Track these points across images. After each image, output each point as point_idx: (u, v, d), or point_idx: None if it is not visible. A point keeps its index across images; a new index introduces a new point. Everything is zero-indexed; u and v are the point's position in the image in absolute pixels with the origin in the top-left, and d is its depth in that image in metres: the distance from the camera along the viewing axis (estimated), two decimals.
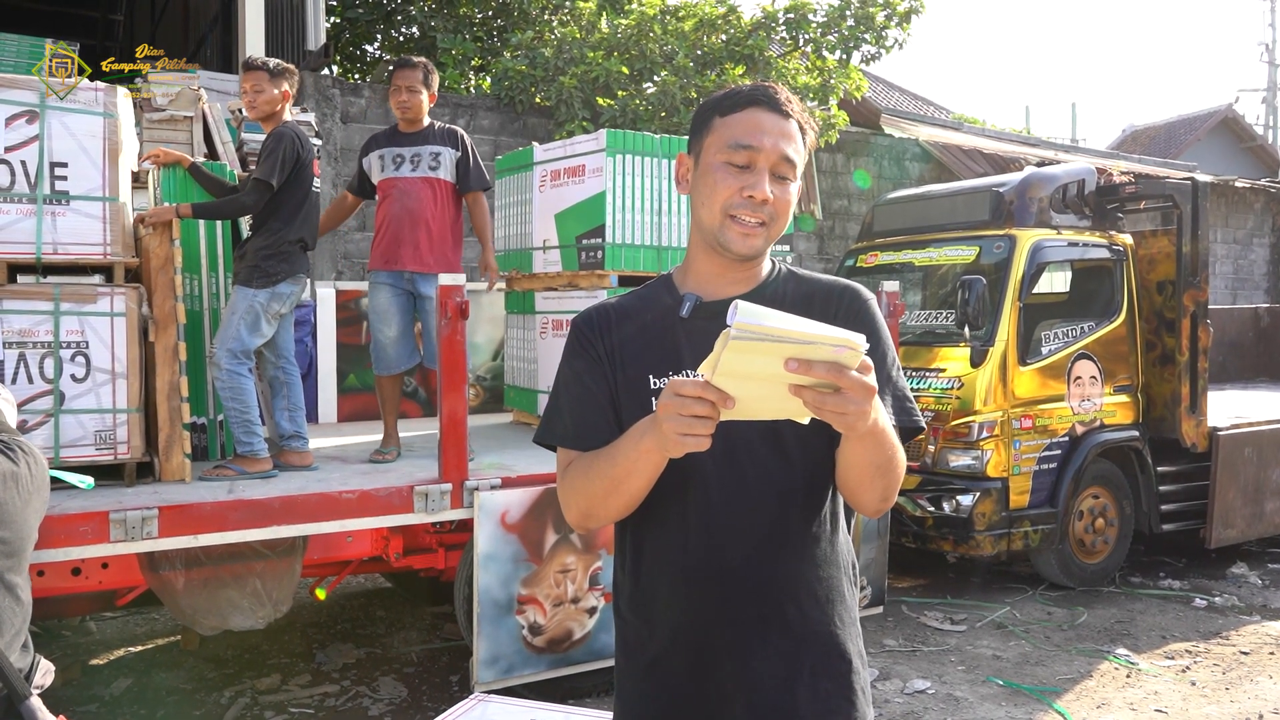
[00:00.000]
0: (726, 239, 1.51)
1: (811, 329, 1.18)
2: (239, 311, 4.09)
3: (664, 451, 1.32)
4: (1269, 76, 28.97)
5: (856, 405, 1.21)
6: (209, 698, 4.36)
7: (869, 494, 1.47)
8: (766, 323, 1.16)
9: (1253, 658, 5.02)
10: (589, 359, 1.58)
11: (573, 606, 4.14)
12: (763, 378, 1.20)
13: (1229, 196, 14.92)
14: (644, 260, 4.90)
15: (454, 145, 4.64)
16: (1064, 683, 4.66)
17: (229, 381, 4.06)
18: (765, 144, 1.48)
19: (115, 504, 3.43)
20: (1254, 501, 6.56)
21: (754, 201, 1.48)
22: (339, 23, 10.92)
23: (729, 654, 1.51)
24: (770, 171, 1.49)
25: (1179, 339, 6.30)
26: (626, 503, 1.48)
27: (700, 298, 1.55)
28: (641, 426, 1.37)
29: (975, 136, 13.23)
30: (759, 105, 1.51)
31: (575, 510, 1.54)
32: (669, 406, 1.24)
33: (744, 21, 9.48)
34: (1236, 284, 14.96)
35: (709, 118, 1.55)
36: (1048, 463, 5.96)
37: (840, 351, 1.19)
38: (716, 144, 1.51)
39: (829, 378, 1.19)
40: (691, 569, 1.52)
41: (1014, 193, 6.27)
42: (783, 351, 1.17)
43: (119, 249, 3.92)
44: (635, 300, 1.64)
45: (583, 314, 1.64)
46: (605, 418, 1.54)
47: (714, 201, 1.50)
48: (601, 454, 1.47)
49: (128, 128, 4.27)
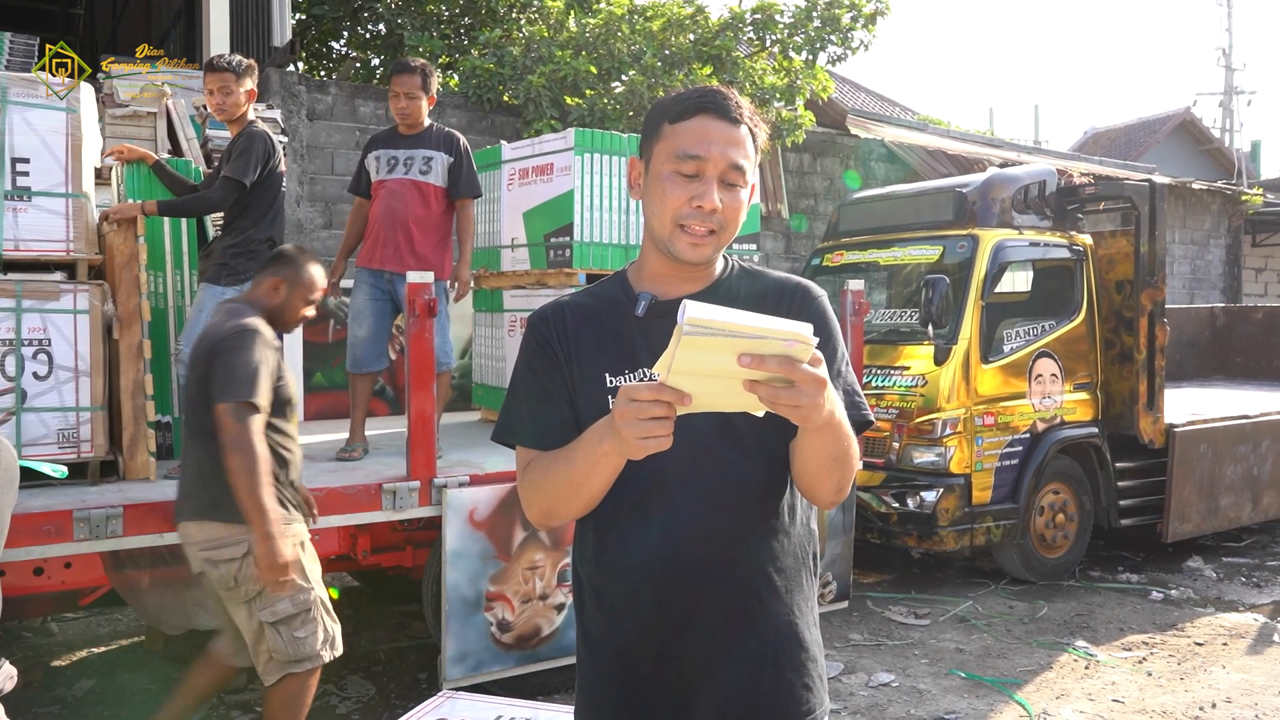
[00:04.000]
0: (676, 249, 1.53)
1: (762, 323, 1.20)
2: (206, 309, 4.06)
3: (624, 455, 1.34)
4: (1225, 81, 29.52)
5: (809, 398, 1.24)
6: None
7: (824, 486, 1.50)
8: (717, 318, 1.18)
9: (1207, 649, 5.14)
10: (545, 356, 1.59)
11: (541, 603, 4.15)
12: (717, 374, 1.22)
13: (1186, 198, 15.19)
14: (612, 259, 4.92)
15: (448, 150, 4.60)
16: (1025, 674, 4.75)
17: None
18: (713, 153, 1.50)
19: (79, 502, 3.40)
20: (1209, 497, 6.70)
21: (702, 211, 1.50)
22: (305, 19, 10.84)
23: (692, 645, 1.54)
24: (719, 180, 1.51)
25: (1137, 338, 6.42)
26: (586, 502, 1.50)
27: (655, 296, 1.57)
28: (600, 429, 1.38)
29: (940, 137, 13.37)
30: (707, 113, 1.52)
31: (536, 509, 1.56)
32: (626, 413, 1.26)
33: (711, 22, 9.52)
34: (1194, 284, 15.23)
35: (658, 124, 1.56)
36: (1009, 459, 6.05)
37: (791, 345, 1.21)
38: (665, 152, 1.53)
39: (781, 371, 1.21)
40: (653, 562, 1.54)
41: (977, 193, 6.36)
42: (735, 347, 1.19)
43: (82, 245, 3.88)
44: (590, 298, 1.65)
45: (538, 311, 1.65)
46: (563, 416, 1.56)
47: (664, 211, 1.52)
48: (560, 455, 1.48)
49: (91, 123, 4.23)
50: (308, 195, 8.26)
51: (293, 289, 3.33)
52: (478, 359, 5.79)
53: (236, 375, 2.97)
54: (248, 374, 2.97)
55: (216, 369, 2.99)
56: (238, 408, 2.94)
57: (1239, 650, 5.12)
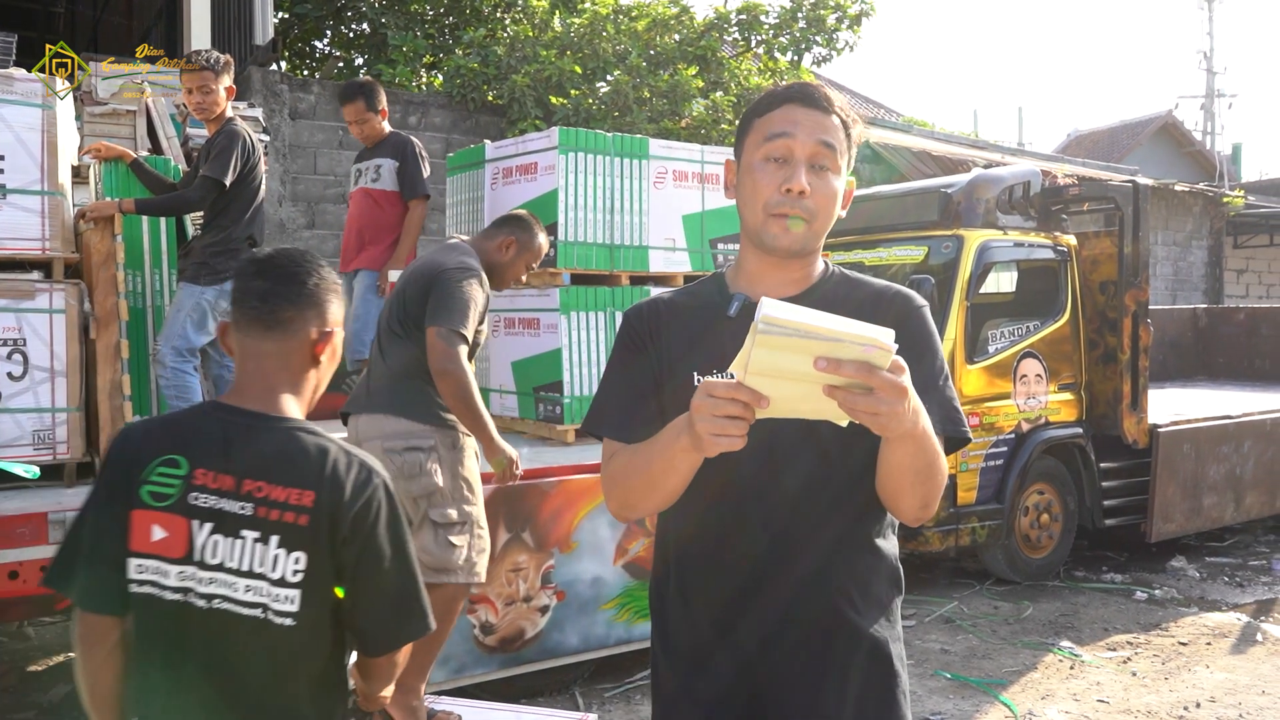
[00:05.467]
0: (768, 237, 1.51)
1: (839, 326, 1.16)
2: (185, 309, 4.02)
3: (698, 451, 1.32)
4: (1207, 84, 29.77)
5: (889, 405, 1.19)
6: None
7: (907, 500, 1.46)
8: (794, 318, 1.15)
9: (1190, 648, 5.15)
10: (636, 351, 1.60)
11: (525, 605, 4.12)
12: (795, 377, 1.18)
13: (1169, 200, 15.29)
14: (596, 258, 4.90)
15: (395, 156, 4.92)
16: (1010, 675, 4.74)
17: (174, 380, 3.98)
18: (800, 132, 1.48)
19: (55, 505, 3.35)
20: (1192, 496, 6.73)
21: (791, 195, 1.47)
22: (287, 18, 10.76)
23: (767, 654, 1.52)
24: (808, 162, 1.48)
25: (1121, 338, 6.44)
26: (664, 498, 1.48)
27: (748, 298, 1.54)
28: (678, 425, 1.36)
29: (925, 139, 13.40)
30: (794, 102, 1.51)
31: (615, 500, 1.56)
32: (702, 407, 1.24)
33: (697, 22, 9.52)
34: (1176, 285, 15.33)
35: (749, 122, 1.55)
36: (994, 460, 6.06)
37: (869, 350, 1.17)
38: (754, 141, 1.52)
39: (859, 377, 1.17)
40: (730, 568, 1.53)
41: (961, 194, 6.37)
42: (811, 349, 1.15)
43: (58, 244, 3.83)
44: (685, 296, 1.65)
45: (634, 307, 1.66)
46: (649, 411, 1.55)
47: (755, 200, 1.51)
48: (641, 449, 1.48)
49: (67, 121, 4.18)
50: (290, 195, 8.20)
51: (521, 252, 3.59)
52: None
53: (455, 306, 3.18)
54: (463, 307, 3.18)
55: (438, 295, 3.20)
56: (450, 333, 3.14)
57: (1222, 649, 5.13)
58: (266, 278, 1.64)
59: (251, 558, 1.52)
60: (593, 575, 4.26)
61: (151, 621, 1.56)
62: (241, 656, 1.54)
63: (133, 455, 1.58)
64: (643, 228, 5.03)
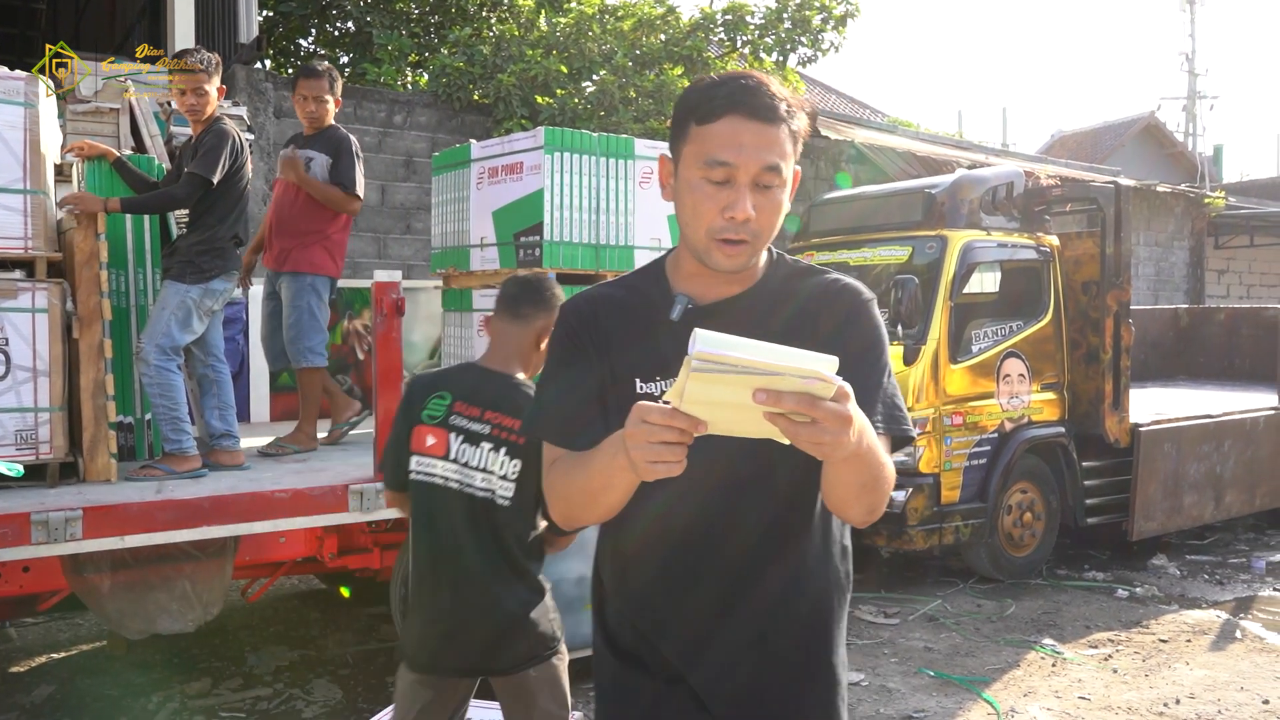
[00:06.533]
0: (712, 260, 1.44)
1: (778, 359, 1.11)
2: (170, 307, 4.01)
3: (635, 475, 1.27)
4: (1189, 85, 30.00)
5: (832, 436, 1.15)
6: (136, 703, 4.25)
7: (853, 509, 1.42)
8: (729, 354, 1.10)
9: (1171, 645, 5.20)
10: (575, 350, 1.52)
11: None
12: (734, 405, 1.14)
13: (1151, 201, 15.40)
14: (582, 258, 4.90)
15: (330, 150, 4.73)
16: (993, 672, 4.78)
17: (158, 378, 3.96)
18: (744, 159, 1.38)
19: (37, 505, 3.33)
20: (1173, 495, 6.78)
21: (735, 223, 1.40)
22: (272, 16, 10.72)
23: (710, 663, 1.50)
24: (752, 184, 1.40)
25: (1103, 338, 6.48)
26: (605, 512, 1.44)
27: (692, 300, 1.48)
28: (615, 442, 1.29)
29: (909, 139, 13.45)
30: (737, 111, 1.39)
31: (558, 511, 1.51)
32: (636, 435, 1.19)
33: (683, 22, 9.54)
34: (1158, 285, 15.45)
35: (685, 123, 1.44)
36: (978, 459, 6.10)
37: (810, 383, 1.12)
38: (694, 157, 1.42)
39: (800, 409, 1.12)
40: (672, 576, 1.50)
41: (945, 194, 6.40)
42: (749, 383, 1.11)
43: (41, 243, 3.81)
44: (624, 291, 1.57)
45: (569, 302, 1.57)
46: (591, 414, 1.49)
47: (697, 221, 1.43)
48: (580, 461, 1.41)
49: (50, 119, 4.15)
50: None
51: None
52: (447, 359, 5.74)
53: None
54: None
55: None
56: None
57: (1202, 647, 5.18)
58: (521, 287, 2.63)
59: (486, 460, 2.44)
60: (577, 575, 4.26)
61: (422, 497, 2.49)
62: (476, 520, 2.44)
63: (418, 392, 2.53)
64: (628, 228, 5.04)
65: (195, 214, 4.13)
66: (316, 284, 4.69)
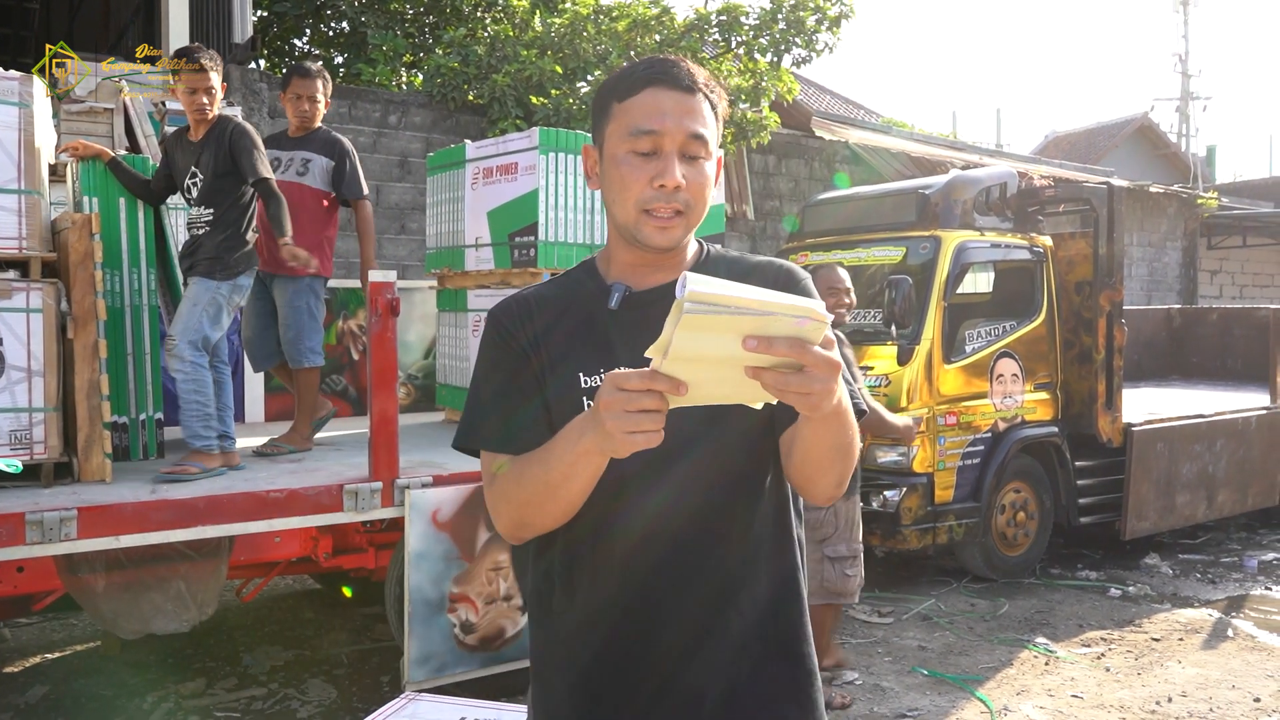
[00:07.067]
0: (643, 235, 1.39)
1: (771, 298, 1.06)
2: (201, 303, 4.04)
3: (607, 452, 1.20)
4: (1182, 86, 30.08)
5: (822, 384, 1.09)
6: (131, 704, 4.25)
7: (825, 479, 1.36)
8: (723, 293, 1.04)
9: (1163, 644, 5.22)
10: (511, 352, 1.46)
11: (505, 604, 4.13)
12: (717, 359, 1.07)
13: (1144, 201, 15.45)
14: (577, 258, 4.91)
15: (329, 154, 4.73)
16: (986, 671, 4.79)
17: (192, 374, 4.00)
18: (669, 125, 1.36)
19: (32, 505, 3.33)
20: (1166, 494, 6.81)
21: (665, 191, 1.36)
22: (266, 16, 10.72)
23: (668, 659, 1.41)
24: (679, 153, 1.37)
25: (1096, 338, 6.51)
26: (564, 509, 1.35)
27: (629, 288, 1.44)
28: (579, 425, 1.23)
29: (903, 140, 13.49)
30: (657, 84, 1.38)
31: (507, 520, 1.41)
32: (613, 403, 1.12)
33: (677, 22, 9.55)
34: (1151, 285, 15.50)
35: (607, 104, 1.42)
36: (971, 458, 6.11)
37: (803, 324, 1.07)
38: (618, 133, 1.40)
39: (792, 354, 1.07)
40: (627, 569, 1.41)
41: (939, 195, 6.42)
42: (740, 326, 1.05)
43: (35, 243, 3.81)
44: (555, 289, 1.52)
45: (499, 305, 1.51)
46: (534, 415, 1.42)
47: (625, 198, 1.39)
48: (533, 458, 1.34)
49: (44, 119, 4.15)
50: None
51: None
52: (442, 359, 5.76)
53: None
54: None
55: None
56: None
57: (1194, 645, 5.21)
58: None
59: None
60: None
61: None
62: None
63: None
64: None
65: (219, 212, 4.13)
66: (314, 284, 4.71)
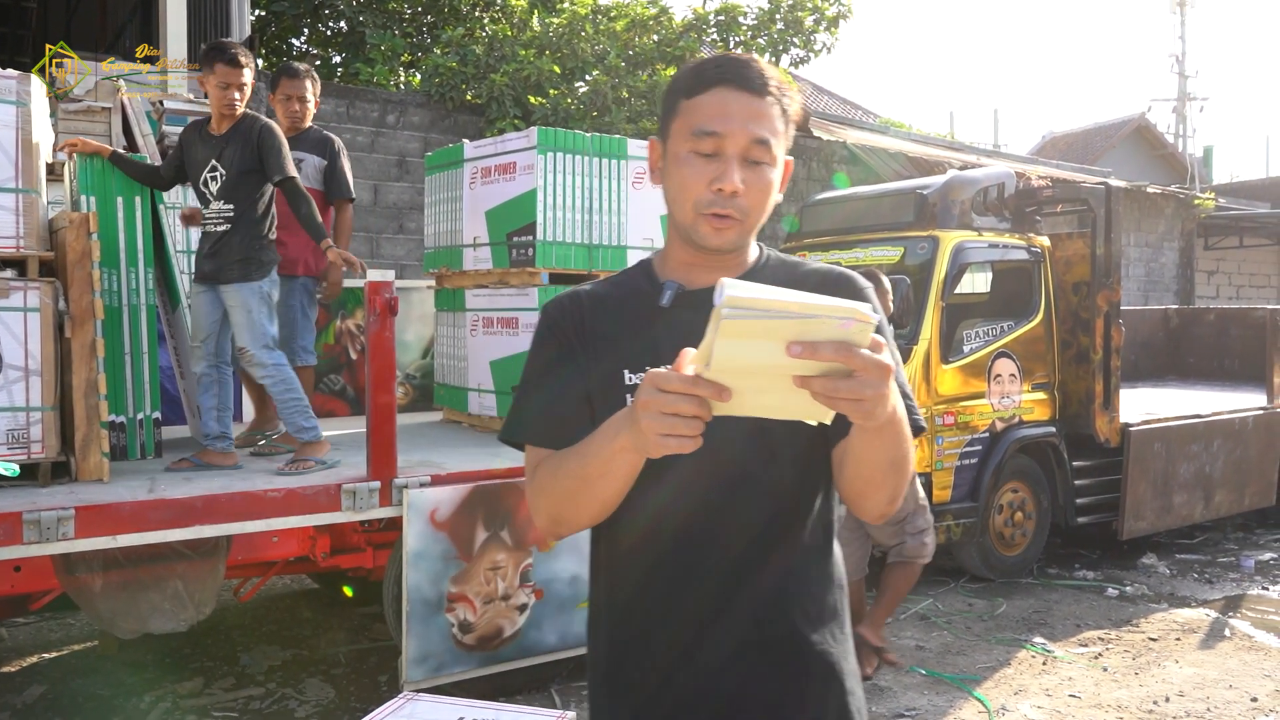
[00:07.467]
0: (699, 235, 1.38)
1: (813, 300, 1.02)
2: (254, 306, 4.09)
3: (642, 452, 1.17)
4: (1179, 87, 30.12)
5: (874, 389, 1.04)
6: (128, 703, 4.25)
7: (878, 494, 1.33)
8: (761, 296, 1.00)
9: (1161, 644, 5.23)
10: (560, 348, 1.45)
11: (503, 604, 4.13)
12: (762, 370, 1.04)
13: (1141, 202, 15.47)
14: (575, 258, 4.91)
15: (321, 153, 4.77)
16: (984, 671, 4.80)
17: (277, 374, 4.09)
18: (732, 128, 1.34)
19: (29, 504, 3.32)
20: (1163, 494, 6.82)
21: (723, 195, 1.34)
22: (264, 15, 10.71)
23: (710, 676, 1.38)
24: (741, 157, 1.35)
25: (1093, 338, 6.51)
26: (600, 508, 1.33)
27: (682, 285, 1.42)
28: (617, 421, 1.21)
29: (901, 140, 13.48)
30: (726, 84, 1.35)
31: (544, 514, 1.40)
32: (650, 403, 1.08)
33: (675, 23, 9.56)
34: (1148, 286, 15.52)
35: (675, 100, 1.40)
36: (969, 458, 6.12)
37: (848, 325, 1.02)
38: (682, 130, 1.37)
39: (839, 359, 1.02)
40: (668, 582, 1.39)
41: (937, 195, 6.42)
42: (782, 332, 1.00)
43: (33, 242, 3.80)
44: (610, 287, 1.51)
45: (553, 300, 1.50)
46: (578, 412, 1.41)
47: (684, 197, 1.37)
48: (572, 452, 1.32)
49: (42, 118, 4.15)
50: None
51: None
52: (439, 359, 5.76)
53: None
54: None
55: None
56: None
57: (1191, 645, 5.21)
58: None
59: None
60: (571, 574, 4.28)
61: None
62: None
63: None
64: (621, 228, 5.05)
65: (243, 210, 4.14)
66: (307, 284, 4.76)
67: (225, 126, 4.15)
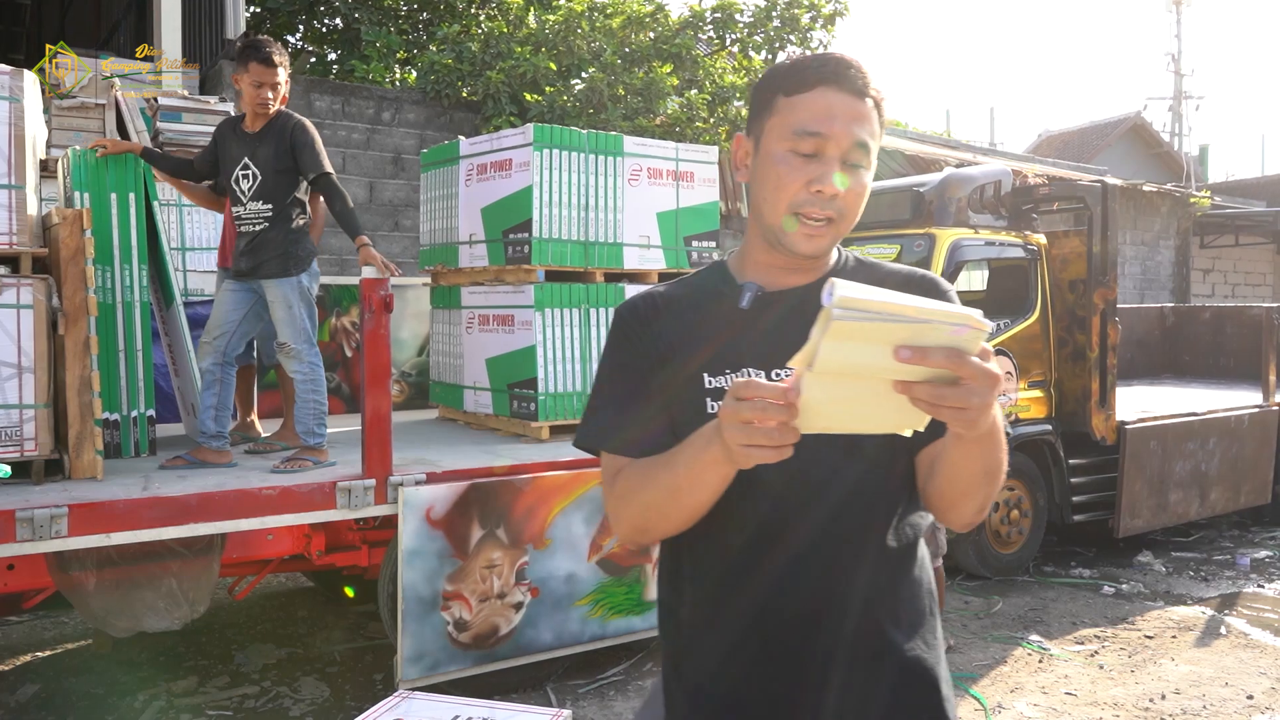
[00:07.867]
0: (789, 240, 1.34)
1: (926, 304, 0.99)
2: (294, 302, 4.11)
3: (731, 464, 1.15)
4: (1175, 86, 30.16)
5: (980, 398, 1.01)
6: (122, 702, 4.23)
7: (969, 503, 1.29)
8: (874, 298, 0.96)
9: (1156, 641, 5.23)
10: (635, 352, 1.41)
11: (499, 602, 4.12)
12: (864, 374, 1.01)
13: (1137, 200, 15.48)
14: (571, 255, 4.90)
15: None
16: (980, 668, 4.80)
17: (310, 374, 4.12)
18: (836, 130, 1.30)
19: (22, 502, 3.31)
20: (1159, 492, 6.82)
21: (822, 197, 1.31)
22: (259, 12, 10.67)
23: (796, 683, 1.35)
24: (841, 159, 1.31)
25: (1089, 336, 6.51)
26: (688, 517, 1.30)
27: (761, 288, 1.39)
28: (706, 434, 1.19)
29: (897, 138, 13.49)
30: (829, 84, 1.32)
31: (627, 524, 1.36)
32: (731, 414, 1.07)
33: (672, 20, 9.54)
34: (1144, 284, 15.53)
35: (772, 96, 1.36)
36: None
37: (960, 332, 0.99)
38: (780, 128, 1.33)
39: (947, 365, 0.99)
40: (751, 587, 1.36)
41: (934, 193, 6.42)
42: (892, 335, 0.97)
43: (25, 239, 3.78)
44: (685, 288, 1.47)
45: (626, 302, 1.47)
46: (655, 418, 1.38)
47: (778, 197, 1.33)
48: (659, 462, 1.29)
49: (35, 114, 4.13)
50: None
51: None
52: (435, 356, 5.74)
53: None
54: None
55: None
56: None
57: (1187, 643, 5.22)
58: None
59: None
60: (567, 572, 4.27)
61: None
62: None
63: None
64: (617, 225, 5.04)
65: (279, 207, 4.14)
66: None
67: (259, 124, 4.17)
